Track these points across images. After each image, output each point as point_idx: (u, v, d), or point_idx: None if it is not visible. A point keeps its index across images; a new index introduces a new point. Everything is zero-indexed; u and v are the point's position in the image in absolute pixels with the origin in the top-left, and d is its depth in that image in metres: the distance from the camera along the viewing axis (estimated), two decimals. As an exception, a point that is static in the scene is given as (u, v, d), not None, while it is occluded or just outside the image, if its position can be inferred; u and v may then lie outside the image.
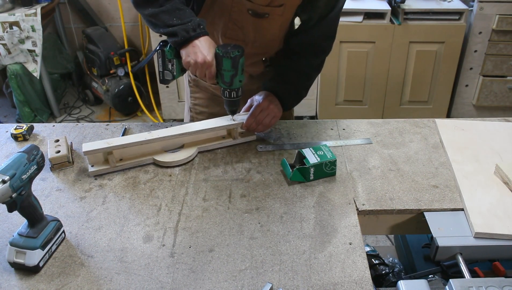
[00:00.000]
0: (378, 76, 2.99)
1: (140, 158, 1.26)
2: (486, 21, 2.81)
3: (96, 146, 1.21)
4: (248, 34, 1.33)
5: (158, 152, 1.28)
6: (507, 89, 3.02)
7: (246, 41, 1.35)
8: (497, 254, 1.06)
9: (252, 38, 1.34)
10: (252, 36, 1.34)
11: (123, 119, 3.48)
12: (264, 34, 1.34)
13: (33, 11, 3.00)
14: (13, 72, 3.12)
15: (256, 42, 1.36)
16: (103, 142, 1.22)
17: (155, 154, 1.27)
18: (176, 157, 1.27)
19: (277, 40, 1.39)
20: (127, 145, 1.23)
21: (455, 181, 1.19)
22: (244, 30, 1.32)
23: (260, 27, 1.31)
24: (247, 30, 1.32)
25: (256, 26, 1.30)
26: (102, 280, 0.94)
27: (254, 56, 1.41)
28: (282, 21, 1.31)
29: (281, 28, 1.35)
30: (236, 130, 1.33)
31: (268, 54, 1.45)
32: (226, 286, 0.93)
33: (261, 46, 1.38)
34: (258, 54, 1.42)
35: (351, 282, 0.93)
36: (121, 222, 1.09)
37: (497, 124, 1.41)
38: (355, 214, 1.09)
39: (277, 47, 1.42)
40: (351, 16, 2.81)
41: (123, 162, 1.25)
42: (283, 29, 1.37)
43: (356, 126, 1.43)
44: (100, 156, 1.24)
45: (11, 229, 1.07)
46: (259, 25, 1.30)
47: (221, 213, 1.11)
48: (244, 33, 1.33)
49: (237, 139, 1.34)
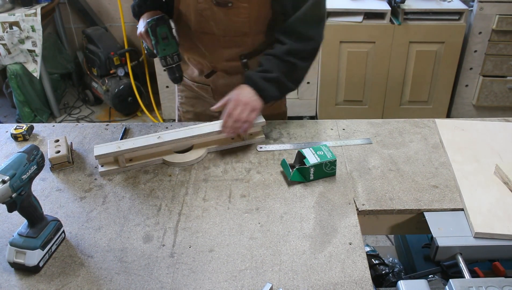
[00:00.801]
0: (378, 76, 2.99)
1: (150, 158, 1.27)
2: (486, 21, 2.81)
3: (107, 150, 1.23)
4: (218, 26, 1.31)
5: (168, 153, 1.29)
6: (507, 89, 3.02)
7: (217, 34, 1.34)
8: (497, 254, 1.06)
9: (222, 30, 1.32)
10: (222, 29, 1.32)
11: (123, 119, 3.48)
12: (234, 26, 1.31)
13: (33, 11, 3.00)
14: (13, 72, 3.12)
15: (227, 35, 1.34)
16: (114, 146, 1.24)
17: (164, 155, 1.28)
18: (185, 158, 1.28)
19: (251, 34, 1.35)
20: (137, 149, 1.25)
21: (455, 181, 1.19)
22: (213, 22, 1.31)
23: (228, 18, 1.29)
24: (216, 22, 1.31)
25: (223, 17, 1.29)
26: (102, 280, 0.94)
27: (227, 50, 1.38)
28: (250, 12, 1.28)
29: (253, 20, 1.31)
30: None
31: (244, 50, 1.38)
32: (226, 286, 0.93)
33: (232, 39, 1.35)
34: (231, 47, 1.38)
35: (351, 282, 0.93)
36: (121, 222, 1.09)
37: (497, 124, 1.41)
38: (355, 214, 1.09)
39: (253, 41, 1.37)
40: (351, 16, 2.81)
41: (132, 163, 1.26)
42: (256, 22, 1.33)
43: (356, 126, 1.43)
44: (111, 157, 1.25)
45: (11, 229, 1.07)
46: (227, 16, 1.28)
47: (221, 213, 1.11)
48: (214, 25, 1.32)
49: (246, 140, 1.34)
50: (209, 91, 1.52)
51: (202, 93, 1.56)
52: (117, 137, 1.40)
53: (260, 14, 1.31)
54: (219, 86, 1.47)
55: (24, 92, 3.24)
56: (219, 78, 1.46)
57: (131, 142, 1.25)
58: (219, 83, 1.47)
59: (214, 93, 1.52)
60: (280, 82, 1.30)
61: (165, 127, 1.44)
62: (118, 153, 1.23)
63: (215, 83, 1.48)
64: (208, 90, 1.52)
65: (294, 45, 1.29)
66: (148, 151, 1.28)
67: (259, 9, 1.29)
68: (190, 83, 1.56)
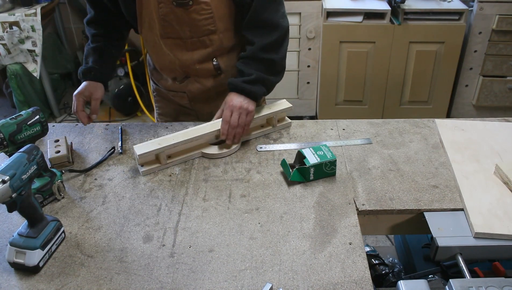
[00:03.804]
0: (378, 76, 3.00)
1: (188, 153, 1.29)
2: (486, 21, 2.81)
3: (149, 148, 1.23)
4: (183, 28, 1.31)
5: (204, 146, 1.31)
6: (507, 89, 3.02)
7: (183, 37, 1.33)
8: (497, 254, 1.06)
9: (187, 32, 1.32)
10: (187, 30, 1.31)
11: (123, 119, 3.48)
12: (198, 25, 1.30)
13: (33, 11, 3.00)
14: (13, 72, 3.13)
15: (193, 36, 1.33)
16: (155, 143, 1.24)
17: (202, 148, 1.30)
18: (224, 148, 1.30)
19: (218, 32, 1.34)
20: (178, 144, 1.25)
21: (455, 181, 1.19)
22: (177, 25, 1.30)
23: (191, 18, 1.28)
24: (180, 25, 1.30)
25: (186, 17, 1.28)
26: (102, 280, 0.94)
27: (196, 52, 1.37)
28: (211, 8, 1.28)
29: (216, 17, 1.30)
30: (275, 118, 1.38)
31: (213, 49, 1.38)
32: (226, 286, 0.93)
33: (200, 40, 1.34)
34: (199, 48, 1.37)
35: (351, 282, 0.93)
36: (121, 222, 1.09)
37: (497, 124, 1.41)
38: (355, 214, 1.09)
39: (221, 40, 1.36)
40: (351, 16, 2.81)
41: (172, 159, 1.27)
42: (221, 19, 1.32)
43: (356, 126, 1.43)
44: (152, 156, 1.25)
45: (11, 229, 1.07)
46: (189, 16, 1.27)
47: (221, 213, 1.11)
48: (178, 28, 1.31)
49: (275, 126, 1.40)
50: (185, 98, 1.52)
51: (179, 102, 1.55)
52: (117, 137, 1.40)
53: (223, 10, 1.30)
54: (195, 92, 1.48)
55: (24, 92, 3.24)
56: (193, 83, 1.46)
57: (171, 138, 1.26)
58: (194, 88, 1.47)
59: (190, 100, 1.52)
60: (263, 80, 1.31)
61: (165, 127, 1.44)
62: (160, 150, 1.23)
63: (189, 89, 1.48)
64: (185, 98, 1.52)
65: (262, 41, 1.29)
66: (187, 146, 1.29)
67: (220, 5, 1.29)
68: (166, 92, 1.55)
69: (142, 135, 1.40)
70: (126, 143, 1.37)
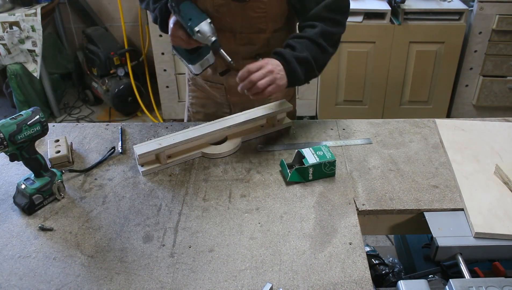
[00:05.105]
0: (378, 76, 2.99)
1: (188, 153, 1.29)
2: (486, 21, 2.81)
3: (149, 148, 1.23)
4: (235, 22, 1.32)
5: (204, 146, 1.31)
6: (507, 89, 3.02)
7: (234, 31, 1.35)
8: (497, 254, 1.06)
9: (239, 27, 1.33)
10: (239, 26, 1.33)
11: (123, 119, 3.48)
12: (250, 22, 1.32)
13: (33, 11, 3.00)
14: (13, 72, 3.12)
15: (243, 32, 1.34)
16: (155, 143, 1.24)
17: (202, 148, 1.30)
18: (224, 149, 1.30)
19: (268, 31, 1.35)
20: (178, 144, 1.25)
21: (455, 181, 1.19)
22: (229, 18, 1.31)
23: (245, 14, 1.30)
24: (232, 18, 1.31)
25: (240, 13, 1.29)
26: (102, 280, 0.94)
27: (243, 48, 1.39)
28: (267, 7, 1.29)
29: (269, 16, 1.31)
30: (275, 117, 1.38)
31: (260, 48, 1.40)
32: (226, 286, 0.93)
33: (249, 36, 1.36)
34: (246, 45, 1.38)
35: (351, 282, 0.93)
36: (121, 222, 1.09)
37: (497, 124, 1.41)
38: (355, 214, 1.09)
39: (268, 40, 1.38)
40: (351, 16, 2.77)
41: (172, 159, 1.27)
42: (273, 18, 1.33)
43: (356, 126, 1.43)
44: (152, 156, 1.25)
45: (11, 229, 1.07)
46: (244, 12, 1.29)
47: (221, 213, 1.11)
48: (230, 21, 1.32)
49: (276, 126, 1.39)
50: (222, 91, 1.53)
51: (214, 94, 1.56)
52: (117, 137, 1.40)
53: (277, 10, 1.31)
54: (233, 85, 1.47)
55: (24, 92, 3.24)
56: (233, 77, 1.46)
57: (171, 138, 1.26)
58: (233, 82, 1.47)
59: (227, 93, 1.52)
60: (309, 64, 1.24)
61: (165, 127, 1.44)
62: (160, 150, 1.23)
63: (228, 82, 1.49)
64: (221, 90, 1.52)
65: (325, 28, 1.26)
66: (185, 146, 1.29)
67: (276, 5, 1.30)
68: (202, 82, 1.56)
69: (142, 135, 1.40)
70: (126, 143, 1.37)
